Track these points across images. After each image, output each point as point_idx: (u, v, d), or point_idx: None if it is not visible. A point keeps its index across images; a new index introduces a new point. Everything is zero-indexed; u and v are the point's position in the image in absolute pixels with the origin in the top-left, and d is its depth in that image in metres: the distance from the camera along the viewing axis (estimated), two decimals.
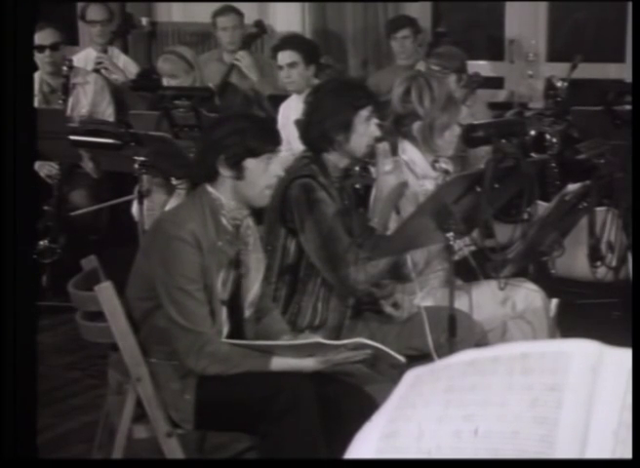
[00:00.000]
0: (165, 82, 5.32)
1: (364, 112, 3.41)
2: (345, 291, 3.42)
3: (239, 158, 2.98)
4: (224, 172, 2.99)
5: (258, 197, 3.03)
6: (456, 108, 3.72)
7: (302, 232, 3.35)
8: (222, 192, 3.01)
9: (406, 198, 3.67)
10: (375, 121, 3.45)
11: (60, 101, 5.76)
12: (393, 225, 3.52)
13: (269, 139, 3.03)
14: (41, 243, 5.41)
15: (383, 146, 3.45)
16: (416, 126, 3.66)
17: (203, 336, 2.92)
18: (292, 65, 5.30)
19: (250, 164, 2.98)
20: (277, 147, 3.05)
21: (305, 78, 5.34)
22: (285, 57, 5.32)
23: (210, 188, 3.02)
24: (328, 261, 3.34)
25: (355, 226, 3.48)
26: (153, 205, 4.51)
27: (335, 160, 3.43)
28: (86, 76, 5.97)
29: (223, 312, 3.06)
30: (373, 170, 3.46)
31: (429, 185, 3.70)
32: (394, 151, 3.66)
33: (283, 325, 3.25)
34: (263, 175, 3.00)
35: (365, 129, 3.40)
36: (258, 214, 3.22)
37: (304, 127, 3.49)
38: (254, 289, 3.12)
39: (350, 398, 3.02)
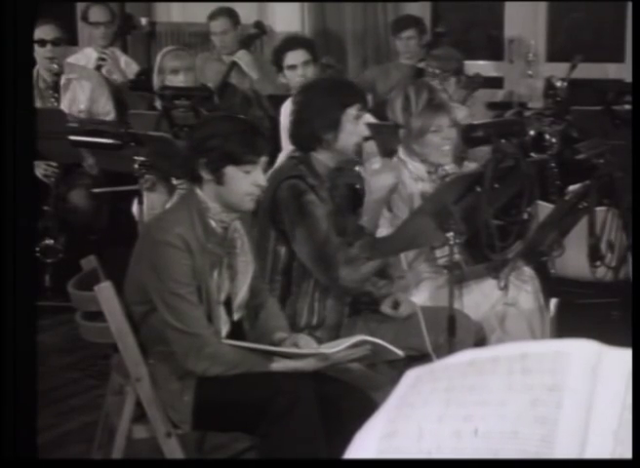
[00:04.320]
0: (180, 77, 5.29)
1: (352, 110, 3.41)
2: (338, 290, 3.42)
3: (219, 164, 2.94)
4: (205, 175, 2.97)
5: (239, 203, 3.00)
6: (434, 113, 3.78)
7: (292, 233, 3.35)
8: (207, 195, 2.99)
9: (401, 198, 3.69)
10: (363, 120, 3.46)
11: (53, 99, 5.76)
12: (384, 223, 3.55)
13: (252, 149, 2.96)
14: (46, 242, 5.41)
15: (370, 145, 3.46)
16: (401, 133, 3.79)
17: (200, 338, 2.92)
18: (306, 63, 5.31)
19: (230, 171, 2.94)
20: (259, 158, 2.98)
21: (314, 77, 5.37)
22: (298, 55, 5.31)
23: (198, 191, 3.01)
24: (318, 262, 3.34)
25: (346, 226, 3.48)
26: (153, 204, 4.50)
27: (324, 159, 3.43)
28: (82, 72, 5.95)
29: (222, 312, 3.06)
30: (361, 169, 3.48)
31: (425, 187, 3.74)
32: (393, 152, 3.72)
33: (280, 321, 3.23)
34: (244, 182, 2.96)
35: (354, 127, 3.41)
36: (252, 215, 3.22)
37: (293, 126, 3.49)
38: (242, 292, 3.11)
39: (350, 398, 3.02)
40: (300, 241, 3.34)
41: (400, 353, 3.03)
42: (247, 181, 2.96)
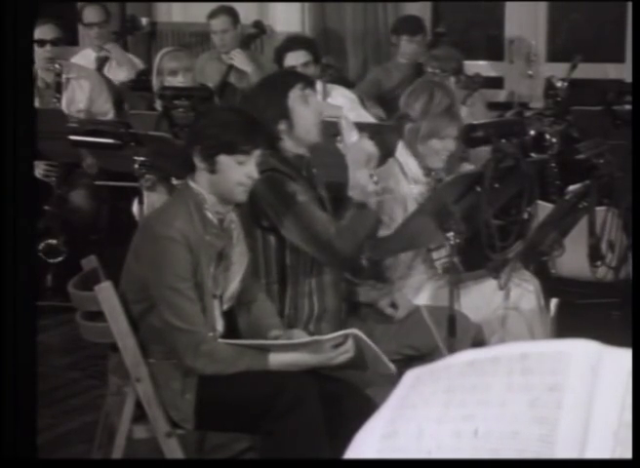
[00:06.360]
0: (179, 78, 5.29)
1: (295, 92, 3.38)
2: (337, 263, 3.40)
3: (213, 151, 2.97)
4: (199, 163, 2.99)
5: (230, 193, 3.01)
6: (449, 121, 3.71)
7: (280, 222, 3.32)
8: (202, 186, 3.01)
9: (395, 201, 3.68)
10: (314, 98, 3.44)
11: (55, 100, 5.76)
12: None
13: (248, 140, 2.98)
14: (49, 241, 5.41)
15: (345, 119, 3.43)
16: (407, 127, 3.73)
17: (197, 335, 2.92)
18: (306, 65, 5.28)
19: (223, 159, 2.97)
20: (254, 150, 2.99)
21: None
22: (298, 56, 5.29)
23: (192, 183, 3.03)
24: (311, 241, 3.31)
25: (331, 205, 3.47)
26: (154, 204, 4.50)
27: (290, 148, 3.39)
28: (81, 72, 5.95)
29: (216, 306, 3.06)
30: (340, 144, 3.44)
31: (420, 189, 3.73)
32: (392, 152, 3.72)
33: (273, 319, 3.22)
34: (236, 172, 2.98)
35: (304, 108, 3.37)
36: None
37: None
38: (234, 282, 3.11)
39: (350, 398, 3.02)
40: (288, 227, 3.31)
41: (392, 368, 3.03)
42: (239, 172, 2.98)
